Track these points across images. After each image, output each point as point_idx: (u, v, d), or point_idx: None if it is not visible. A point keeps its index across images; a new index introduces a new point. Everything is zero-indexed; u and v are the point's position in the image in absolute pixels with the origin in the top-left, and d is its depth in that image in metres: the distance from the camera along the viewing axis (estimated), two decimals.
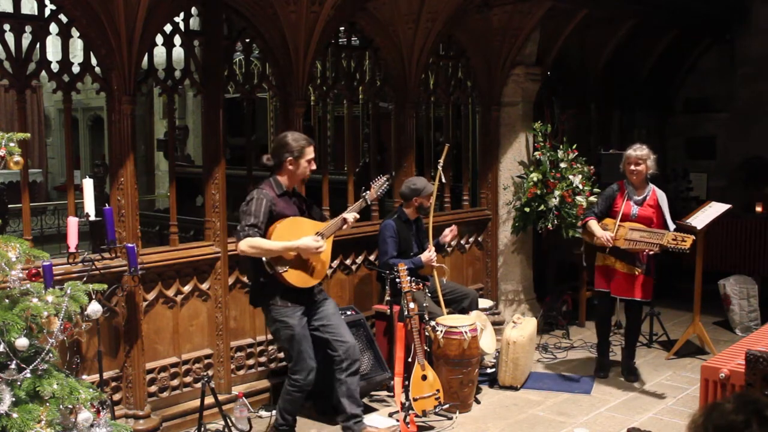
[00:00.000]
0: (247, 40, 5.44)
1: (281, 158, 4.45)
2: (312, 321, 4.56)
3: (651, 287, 5.71)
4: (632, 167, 5.62)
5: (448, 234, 5.81)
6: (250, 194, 4.41)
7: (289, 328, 4.40)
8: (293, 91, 5.46)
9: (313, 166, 4.56)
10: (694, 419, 1.86)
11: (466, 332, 5.12)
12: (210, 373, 5.07)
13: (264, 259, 4.30)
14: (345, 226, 4.60)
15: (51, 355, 3.17)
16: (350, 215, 4.60)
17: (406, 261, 5.37)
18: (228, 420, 4.61)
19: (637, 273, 5.60)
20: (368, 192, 4.70)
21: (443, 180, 5.81)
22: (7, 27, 4.32)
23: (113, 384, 4.67)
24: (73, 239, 4.35)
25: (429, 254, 5.54)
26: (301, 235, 4.36)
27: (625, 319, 6.13)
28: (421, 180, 5.77)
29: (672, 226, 5.59)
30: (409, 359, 4.96)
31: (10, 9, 4.40)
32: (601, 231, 5.59)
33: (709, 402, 1.97)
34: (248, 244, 4.25)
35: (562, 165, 6.76)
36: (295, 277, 4.37)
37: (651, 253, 5.47)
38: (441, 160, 5.70)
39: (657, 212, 5.64)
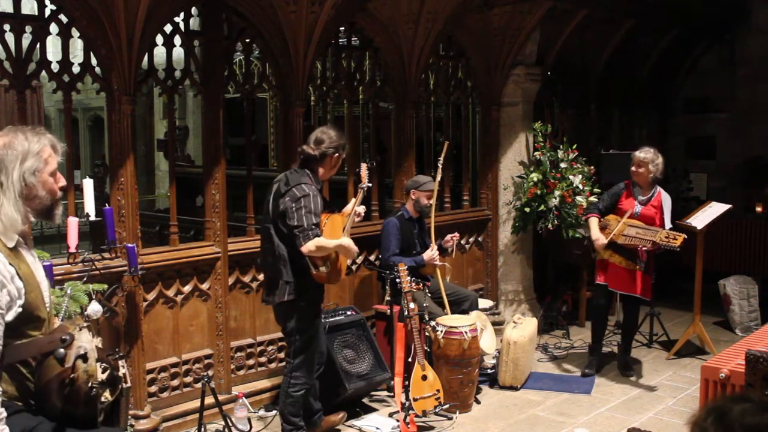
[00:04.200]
0: (247, 40, 5.44)
1: (326, 152, 4.29)
2: None
3: (650, 286, 5.75)
4: (633, 168, 5.74)
5: (450, 240, 5.82)
6: (301, 189, 4.16)
7: (313, 330, 4.37)
8: (293, 91, 5.46)
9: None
10: (695, 419, 1.85)
11: (466, 332, 5.12)
12: (210, 373, 5.07)
13: (307, 258, 4.15)
14: (357, 219, 4.63)
15: None
16: (360, 208, 4.61)
17: (407, 260, 5.38)
18: (228, 420, 4.60)
19: (637, 269, 5.64)
20: (362, 183, 4.60)
21: (441, 176, 5.82)
22: (7, 27, 4.31)
23: None
24: (73, 239, 4.35)
25: (431, 253, 5.54)
26: (337, 232, 4.28)
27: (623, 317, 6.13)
28: (424, 177, 5.84)
29: (668, 225, 5.66)
30: (409, 359, 4.95)
31: (10, 9, 4.39)
32: (597, 233, 5.66)
33: (710, 402, 1.94)
34: (316, 245, 4.07)
35: (562, 165, 6.77)
36: (330, 276, 4.28)
37: (644, 249, 5.53)
38: (441, 158, 5.72)
39: (659, 213, 5.70)
